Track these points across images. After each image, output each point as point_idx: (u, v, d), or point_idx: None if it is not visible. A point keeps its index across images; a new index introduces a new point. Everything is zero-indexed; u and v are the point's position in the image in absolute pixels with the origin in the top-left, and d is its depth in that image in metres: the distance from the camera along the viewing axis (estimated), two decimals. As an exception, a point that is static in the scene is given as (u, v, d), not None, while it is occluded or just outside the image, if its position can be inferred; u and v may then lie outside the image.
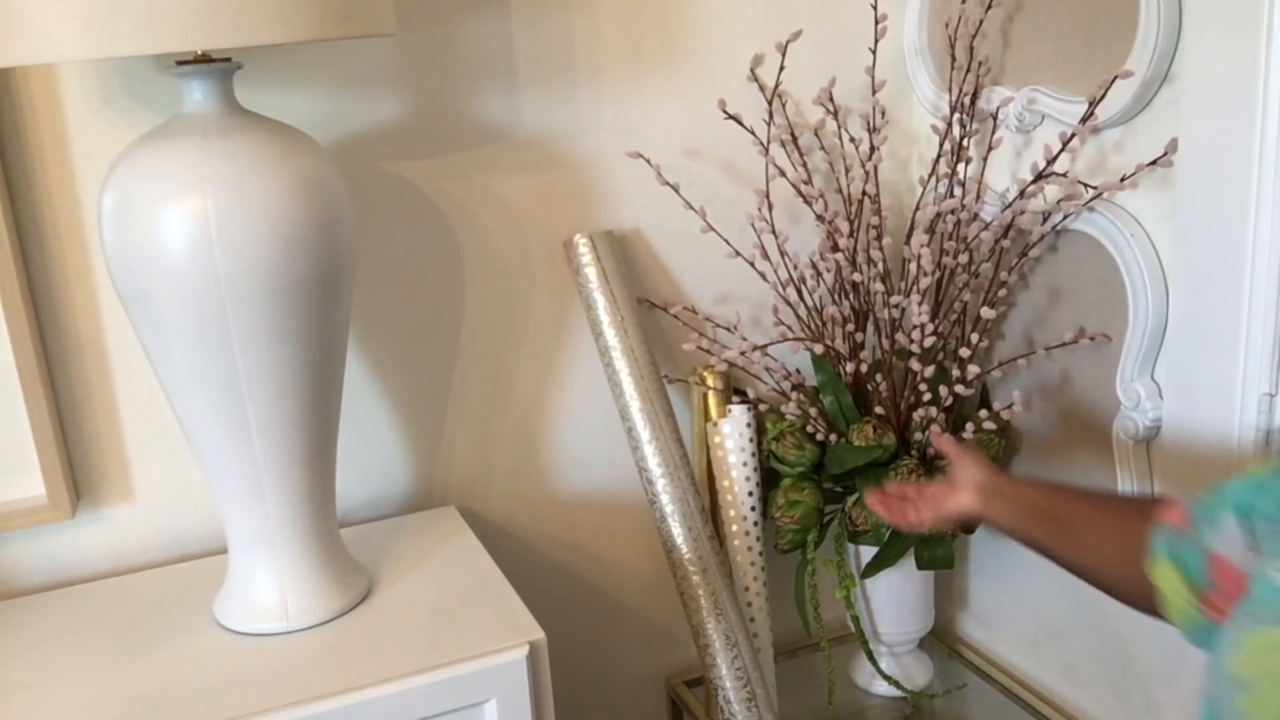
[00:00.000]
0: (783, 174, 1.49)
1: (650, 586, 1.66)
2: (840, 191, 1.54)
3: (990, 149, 1.46)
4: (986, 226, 1.43)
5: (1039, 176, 1.36)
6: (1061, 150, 1.33)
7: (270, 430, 1.12)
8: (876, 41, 1.48)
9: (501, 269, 1.48)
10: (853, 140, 1.53)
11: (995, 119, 1.45)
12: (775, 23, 1.51)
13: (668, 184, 1.47)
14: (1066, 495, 1.10)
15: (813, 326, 1.53)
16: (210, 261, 1.02)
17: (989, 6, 1.41)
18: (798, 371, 1.54)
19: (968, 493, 1.14)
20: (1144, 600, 0.96)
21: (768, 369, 1.53)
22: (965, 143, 1.46)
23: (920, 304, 1.43)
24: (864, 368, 1.50)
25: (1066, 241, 1.41)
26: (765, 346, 1.48)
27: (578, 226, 1.49)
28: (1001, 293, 1.46)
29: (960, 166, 1.46)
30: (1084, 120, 1.30)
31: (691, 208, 1.48)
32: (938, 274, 1.46)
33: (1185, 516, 0.93)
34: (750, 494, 1.52)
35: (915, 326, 1.44)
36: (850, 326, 1.50)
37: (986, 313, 1.42)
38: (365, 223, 1.39)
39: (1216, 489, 0.91)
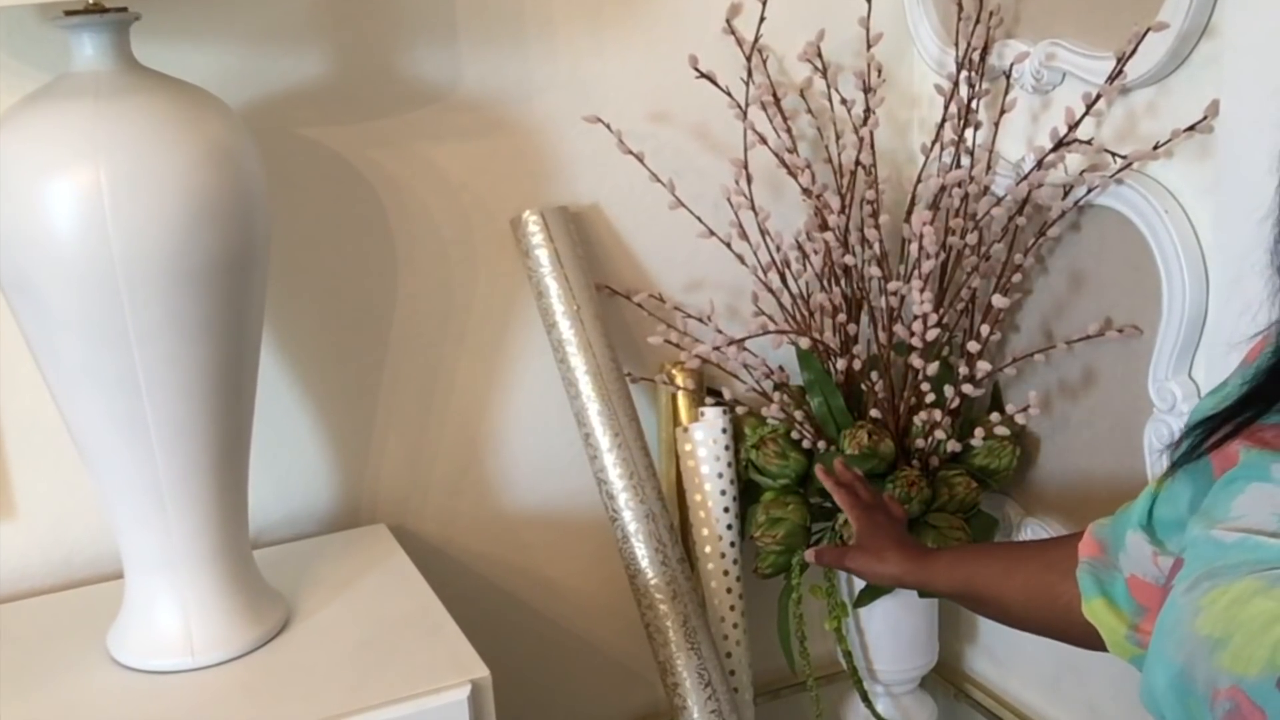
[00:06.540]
0: (764, 141, 1.50)
1: (611, 616, 1.67)
2: (830, 161, 1.55)
3: (1003, 112, 1.47)
4: (998, 202, 1.44)
5: (1059, 144, 1.38)
6: (1085, 114, 1.35)
7: (173, 436, 1.12)
8: (872, -11, 1.49)
9: (439, 251, 1.48)
10: (844, 102, 1.55)
11: (1008, 77, 1.47)
12: (756, -33, 1.52)
13: (631, 153, 1.48)
14: (980, 577, 1.21)
15: (798, 317, 1.55)
16: (104, 242, 1.03)
17: (1000, -50, 1.43)
18: (781, 369, 1.56)
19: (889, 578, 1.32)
20: (1095, 641, 1.05)
21: (746, 366, 1.54)
22: (974, 105, 1.47)
23: (922, 291, 1.44)
24: (857, 364, 1.51)
25: (1091, 219, 1.43)
26: (743, 340, 1.49)
27: (527, 202, 1.50)
28: (1016, 278, 1.48)
29: (968, 133, 1.48)
30: (1111, 79, 1.32)
31: (658, 180, 1.49)
32: (942, 256, 1.47)
33: (1100, 545, 1.03)
34: (726, 510, 1.54)
35: (916, 317, 1.45)
36: (842, 317, 1.52)
37: (998, 301, 1.44)
38: (282, 198, 1.38)
39: (1119, 512, 1.02)
